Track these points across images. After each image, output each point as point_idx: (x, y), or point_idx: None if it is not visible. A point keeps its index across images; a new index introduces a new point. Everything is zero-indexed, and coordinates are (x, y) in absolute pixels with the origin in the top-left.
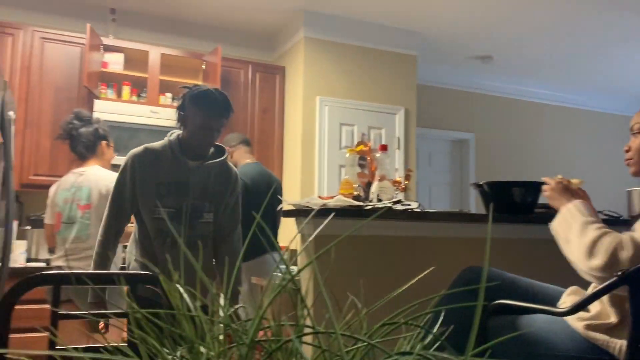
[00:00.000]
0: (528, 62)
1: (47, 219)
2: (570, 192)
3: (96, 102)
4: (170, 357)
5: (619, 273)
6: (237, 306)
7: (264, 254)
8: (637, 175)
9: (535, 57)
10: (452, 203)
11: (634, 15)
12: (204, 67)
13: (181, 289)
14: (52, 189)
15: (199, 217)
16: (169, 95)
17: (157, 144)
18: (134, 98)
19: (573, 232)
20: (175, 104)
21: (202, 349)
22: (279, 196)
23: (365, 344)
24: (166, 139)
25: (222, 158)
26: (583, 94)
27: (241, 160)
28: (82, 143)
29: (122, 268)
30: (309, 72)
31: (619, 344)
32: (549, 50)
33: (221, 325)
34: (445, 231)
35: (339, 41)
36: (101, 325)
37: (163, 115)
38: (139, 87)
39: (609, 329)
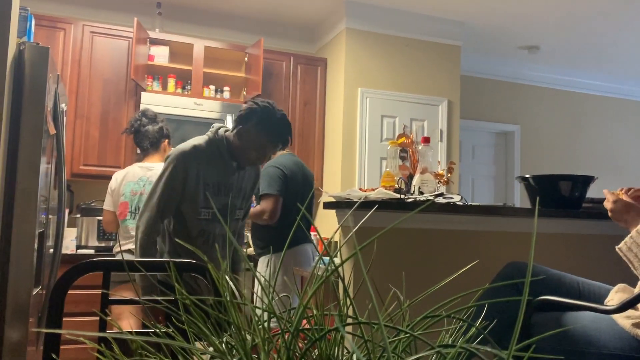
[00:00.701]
0: (574, 52)
1: (108, 206)
2: (634, 209)
3: (143, 94)
4: (217, 342)
5: None
6: (282, 295)
7: (303, 244)
8: None
9: (582, 46)
10: (495, 196)
11: None
12: (246, 59)
13: (228, 278)
14: (116, 179)
15: (233, 215)
16: (212, 87)
17: (202, 141)
18: (179, 90)
19: None
20: (219, 96)
21: (248, 336)
22: (315, 188)
23: (408, 335)
24: (210, 134)
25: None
26: (630, 83)
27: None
28: (149, 139)
29: None
30: (351, 64)
31: None
32: (595, 39)
33: (266, 313)
34: (488, 225)
35: (380, 32)
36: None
37: (206, 107)
38: (184, 80)
39: None
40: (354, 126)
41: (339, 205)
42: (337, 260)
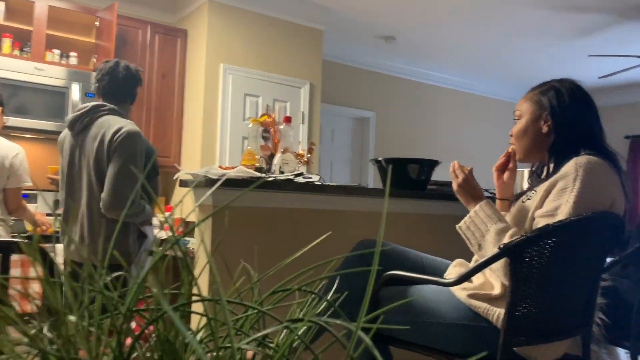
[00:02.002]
0: (428, 45)
1: None
2: (475, 190)
3: None
4: (33, 330)
5: (501, 246)
6: (117, 273)
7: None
8: (522, 161)
9: (436, 41)
10: (352, 179)
11: (529, 9)
12: (97, 23)
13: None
14: None
15: None
16: (56, 51)
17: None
18: (16, 52)
19: (487, 241)
20: (65, 62)
21: (72, 318)
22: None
23: (257, 311)
24: (120, 113)
25: None
26: (475, 78)
27: None
28: None
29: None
30: (213, 38)
31: (498, 312)
32: (448, 35)
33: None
34: (344, 205)
35: (245, 8)
36: None
37: (49, 72)
38: (22, 41)
39: (490, 299)
40: (216, 103)
41: (197, 183)
42: (190, 239)
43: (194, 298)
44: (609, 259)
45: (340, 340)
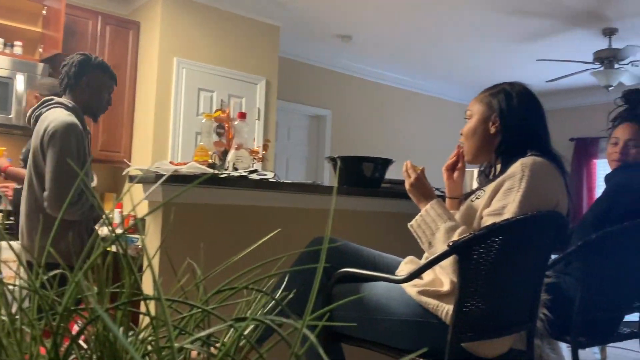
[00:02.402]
0: (384, 45)
1: None
2: (427, 189)
3: None
4: None
5: (450, 243)
6: (55, 272)
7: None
8: (471, 162)
9: (391, 41)
10: (308, 177)
11: (480, 12)
12: (44, 12)
13: None
14: None
15: None
16: (0, 40)
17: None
18: None
19: (437, 239)
20: (9, 51)
21: (3, 318)
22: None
23: (201, 310)
24: (65, 105)
25: None
26: (430, 80)
27: None
28: None
29: None
30: (167, 31)
31: (447, 308)
32: (403, 36)
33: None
34: (299, 202)
35: (200, 1)
36: None
37: None
38: None
39: (439, 296)
40: (168, 97)
41: (146, 179)
42: (139, 237)
43: (134, 297)
44: (553, 256)
45: (285, 339)
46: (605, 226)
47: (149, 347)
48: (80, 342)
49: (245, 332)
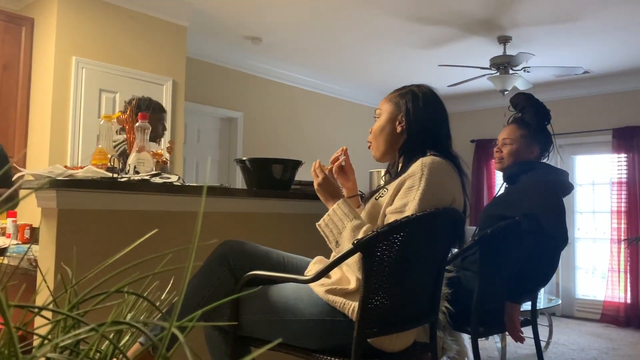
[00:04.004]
0: (294, 48)
1: None
2: (334, 189)
3: None
4: None
5: (354, 242)
6: None
7: None
8: (379, 159)
9: (301, 44)
10: (220, 180)
11: (385, 18)
12: None
13: None
14: None
15: None
16: None
17: None
18: None
19: (344, 238)
20: None
21: None
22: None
23: (67, 317)
24: None
25: None
26: (339, 83)
27: None
28: None
29: None
30: (64, 29)
31: (353, 305)
32: (312, 39)
33: None
34: (206, 206)
35: None
36: None
37: None
38: None
39: (346, 293)
40: (67, 98)
41: (38, 185)
42: (37, 248)
43: None
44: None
45: (154, 340)
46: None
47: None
48: None
49: (127, 338)
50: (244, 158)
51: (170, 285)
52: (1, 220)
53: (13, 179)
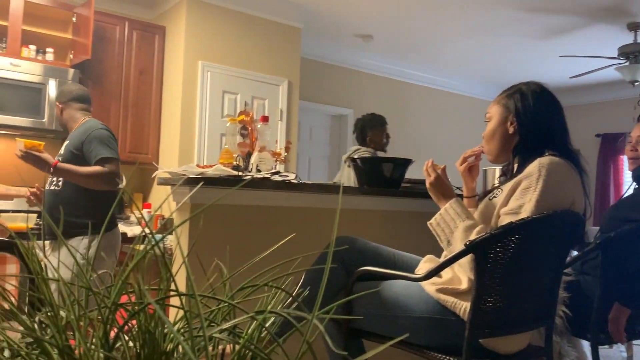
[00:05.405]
0: (403, 44)
1: None
2: (447, 188)
3: None
4: (27, 320)
5: (467, 243)
6: (101, 271)
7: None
8: (493, 162)
9: (412, 39)
10: (330, 176)
11: (501, 9)
12: (74, 19)
13: (40, 253)
14: None
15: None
16: (32, 47)
17: None
18: None
19: (456, 237)
20: (41, 58)
21: (62, 313)
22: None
23: (227, 304)
24: None
25: None
26: (449, 77)
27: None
28: None
29: None
30: (191, 35)
31: (464, 306)
32: (424, 33)
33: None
34: (320, 202)
35: (223, 5)
36: None
37: (25, 68)
38: None
39: (457, 293)
40: (194, 100)
41: (175, 181)
42: (169, 237)
43: (171, 293)
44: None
45: (298, 328)
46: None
47: (182, 337)
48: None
49: (266, 325)
50: (356, 157)
51: (289, 280)
52: (137, 210)
53: (153, 176)
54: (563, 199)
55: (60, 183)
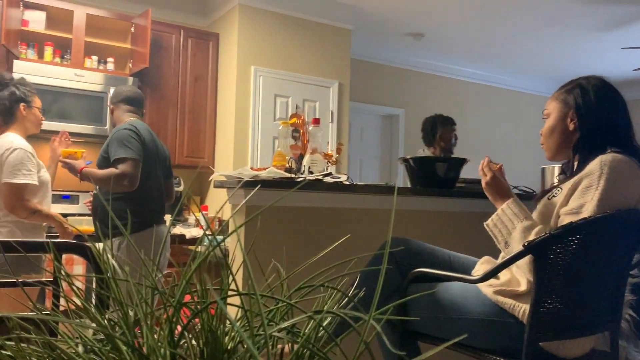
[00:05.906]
0: (456, 41)
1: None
2: (503, 188)
3: (15, 62)
4: (99, 317)
5: (525, 243)
6: (166, 271)
7: (161, 225)
8: (552, 159)
9: (463, 36)
10: (381, 176)
11: (559, 1)
12: (132, 29)
13: (110, 256)
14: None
15: None
16: (94, 57)
17: None
18: (57, 60)
19: (513, 238)
20: (102, 67)
21: (130, 311)
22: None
23: (285, 304)
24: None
25: None
26: (505, 73)
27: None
28: None
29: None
30: (244, 41)
31: (523, 308)
32: (477, 30)
33: (149, 288)
34: (372, 203)
35: (273, 10)
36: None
37: (88, 78)
38: (63, 49)
39: (516, 295)
40: (247, 104)
41: (230, 184)
42: (227, 238)
43: (231, 293)
44: None
45: (355, 328)
46: None
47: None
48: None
49: (323, 325)
50: (408, 157)
51: (344, 281)
52: (196, 212)
53: (210, 179)
54: (627, 197)
55: (97, 187)
